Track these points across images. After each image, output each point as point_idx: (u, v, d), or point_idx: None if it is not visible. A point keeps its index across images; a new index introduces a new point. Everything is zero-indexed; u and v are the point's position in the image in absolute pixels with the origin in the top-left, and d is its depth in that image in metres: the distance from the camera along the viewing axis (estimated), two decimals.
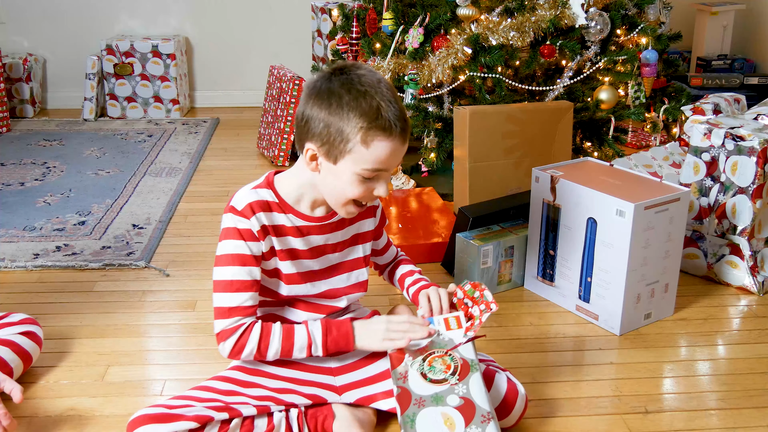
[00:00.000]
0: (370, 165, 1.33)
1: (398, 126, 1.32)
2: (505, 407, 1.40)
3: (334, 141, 1.32)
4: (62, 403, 1.52)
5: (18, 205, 2.59)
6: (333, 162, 1.35)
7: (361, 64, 1.39)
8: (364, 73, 1.35)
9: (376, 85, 1.33)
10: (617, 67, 2.69)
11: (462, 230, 2.01)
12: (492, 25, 2.50)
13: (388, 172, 1.37)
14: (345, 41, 2.93)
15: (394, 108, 1.32)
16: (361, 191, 1.36)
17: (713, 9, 3.70)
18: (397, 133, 1.32)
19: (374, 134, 1.31)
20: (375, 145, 1.31)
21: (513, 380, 1.44)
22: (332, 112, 1.32)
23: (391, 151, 1.33)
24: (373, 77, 1.34)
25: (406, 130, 1.34)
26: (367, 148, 1.31)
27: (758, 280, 1.98)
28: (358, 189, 1.36)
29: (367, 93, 1.31)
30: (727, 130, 1.95)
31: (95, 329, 1.81)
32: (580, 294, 1.86)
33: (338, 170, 1.35)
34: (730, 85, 3.50)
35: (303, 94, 1.38)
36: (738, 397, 1.56)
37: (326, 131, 1.33)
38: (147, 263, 2.15)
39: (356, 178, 1.34)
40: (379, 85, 1.33)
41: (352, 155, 1.32)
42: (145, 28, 3.84)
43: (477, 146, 2.38)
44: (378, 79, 1.34)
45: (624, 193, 1.74)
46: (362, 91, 1.31)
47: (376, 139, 1.31)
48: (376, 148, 1.32)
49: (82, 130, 3.44)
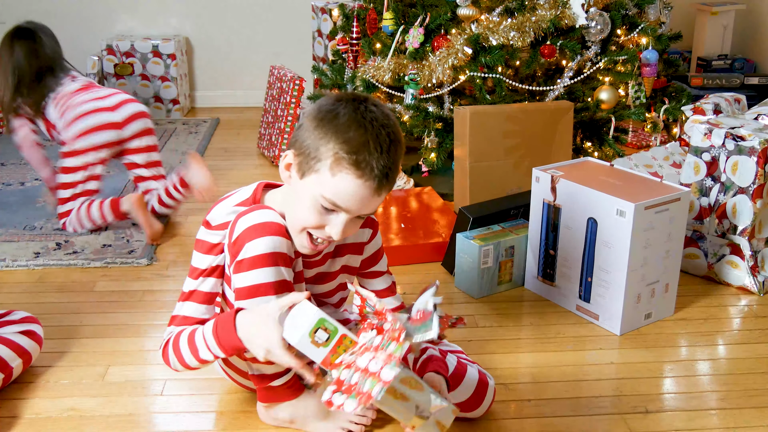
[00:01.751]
0: (329, 194, 1.24)
1: (374, 173, 1.22)
2: (476, 399, 1.42)
3: (308, 155, 1.25)
4: (62, 403, 1.52)
5: (18, 204, 2.59)
6: (300, 176, 1.27)
7: (379, 103, 1.29)
8: (375, 111, 1.25)
9: (379, 127, 1.23)
10: (617, 67, 2.69)
11: (462, 230, 2.01)
12: (492, 25, 2.50)
13: (347, 214, 1.26)
14: (345, 41, 2.93)
15: (381, 155, 1.22)
16: (314, 220, 1.27)
17: (713, 9, 3.70)
18: (368, 178, 1.22)
19: (345, 166, 1.22)
20: (341, 177, 1.22)
21: (483, 372, 1.46)
22: (320, 127, 1.24)
23: (356, 192, 1.23)
24: (383, 119, 1.25)
25: (382, 183, 1.24)
26: (332, 177, 1.23)
27: (758, 280, 1.98)
28: (312, 217, 1.27)
29: (362, 126, 1.22)
30: (728, 130, 1.95)
31: (95, 329, 1.81)
32: (580, 294, 1.86)
33: (302, 187, 1.27)
34: (730, 85, 3.49)
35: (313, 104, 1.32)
36: (738, 397, 1.56)
37: (307, 143, 1.26)
38: (149, 261, 2.15)
39: (313, 202, 1.26)
40: (381, 129, 1.23)
41: (318, 176, 1.24)
42: (146, 28, 3.84)
43: (477, 146, 2.38)
44: (385, 123, 1.24)
45: (624, 193, 1.74)
46: (359, 123, 1.22)
47: (343, 171, 1.22)
48: (341, 181, 1.23)
49: None
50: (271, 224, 1.28)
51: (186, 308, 1.39)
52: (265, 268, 1.27)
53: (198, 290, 1.38)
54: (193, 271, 1.38)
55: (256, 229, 1.27)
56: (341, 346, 1.20)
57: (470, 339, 1.75)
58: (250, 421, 1.46)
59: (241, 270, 1.27)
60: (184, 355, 1.36)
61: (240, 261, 1.27)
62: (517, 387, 1.58)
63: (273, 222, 1.28)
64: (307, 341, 1.18)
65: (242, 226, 1.28)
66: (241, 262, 1.27)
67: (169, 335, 1.39)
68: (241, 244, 1.27)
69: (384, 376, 1.11)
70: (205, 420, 1.48)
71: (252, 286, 1.27)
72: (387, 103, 2.72)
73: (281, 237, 1.28)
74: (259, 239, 1.26)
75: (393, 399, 1.19)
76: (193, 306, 1.38)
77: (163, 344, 1.40)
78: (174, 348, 1.37)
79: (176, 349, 1.36)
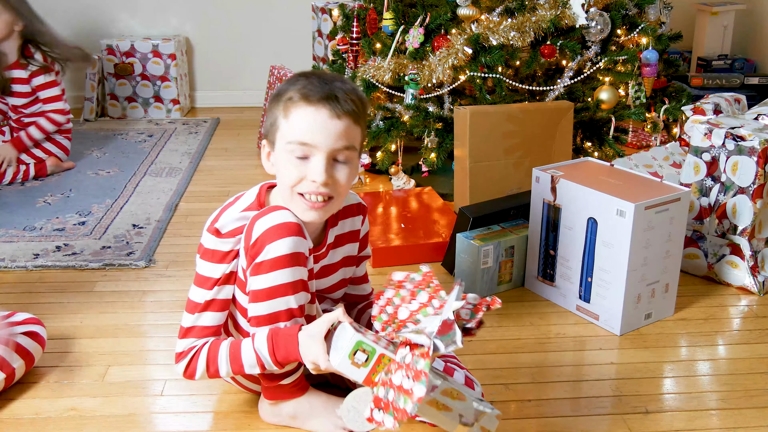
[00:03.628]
0: (293, 136, 1.27)
1: (323, 98, 1.25)
2: None
3: (271, 127, 1.31)
4: (62, 403, 1.52)
5: (18, 205, 2.59)
6: (273, 149, 1.32)
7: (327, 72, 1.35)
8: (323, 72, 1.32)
9: (320, 73, 1.29)
10: (618, 67, 2.69)
11: (462, 230, 2.01)
12: (492, 25, 2.50)
13: (320, 152, 1.27)
14: (345, 41, 2.93)
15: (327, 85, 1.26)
16: (295, 173, 1.29)
17: (713, 9, 3.70)
18: (319, 103, 1.25)
19: (294, 103, 1.26)
20: (295, 115, 1.27)
21: (471, 378, 1.45)
22: (272, 101, 1.31)
23: (313, 121, 1.26)
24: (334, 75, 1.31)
25: (335, 106, 1.26)
26: (288, 120, 1.27)
27: (759, 280, 1.98)
28: (292, 171, 1.29)
29: (305, 76, 1.28)
30: (728, 130, 1.95)
31: (95, 329, 1.81)
32: (580, 294, 1.86)
33: (277, 156, 1.31)
34: (730, 85, 3.49)
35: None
36: (738, 397, 1.56)
37: (268, 122, 1.32)
38: (147, 263, 2.15)
39: (287, 157, 1.29)
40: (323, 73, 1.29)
41: (280, 132, 1.29)
42: (146, 28, 3.84)
43: (477, 146, 2.38)
44: (340, 77, 1.31)
45: (624, 193, 1.74)
46: (303, 76, 1.29)
47: (295, 109, 1.26)
48: (295, 118, 1.27)
49: (82, 130, 3.43)
50: (290, 224, 1.29)
51: (204, 319, 1.37)
52: (285, 269, 1.27)
53: (216, 299, 1.37)
54: (204, 281, 1.36)
55: (276, 231, 1.27)
56: (380, 365, 1.23)
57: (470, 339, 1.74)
58: (250, 421, 1.46)
59: (260, 272, 1.28)
60: (220, 367, 1.36)
61: (260, 263, 1.27)
62: (517, 387, 1.58)
63: (291, 222, 1.29)
64: (347, 363, 1.22)
65: (261, 228, 1.28)
66: (260, 264, 1.27)
67: (190, 348, 1.38)
68: (262, 246, 1.27)
69: (416, 393, 1.14)
70: (204, 420, 1.48)
71: (271, 288, 1.28)
72: (387, 103, 2.72)
73: (300, 237, 1.29)
74: (281, 240, 1.27)
75: (435, 410, 1.23)
76: (210, 315, 1.38)
77: (189, 358, 1.37)
78: (209, 360, 1.36)
79: (211, 360, 1.36)
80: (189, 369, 1.38)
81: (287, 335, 1.29)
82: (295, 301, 1.30)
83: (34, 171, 2.83)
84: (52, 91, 2.86)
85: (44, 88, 2.84)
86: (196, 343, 1.38)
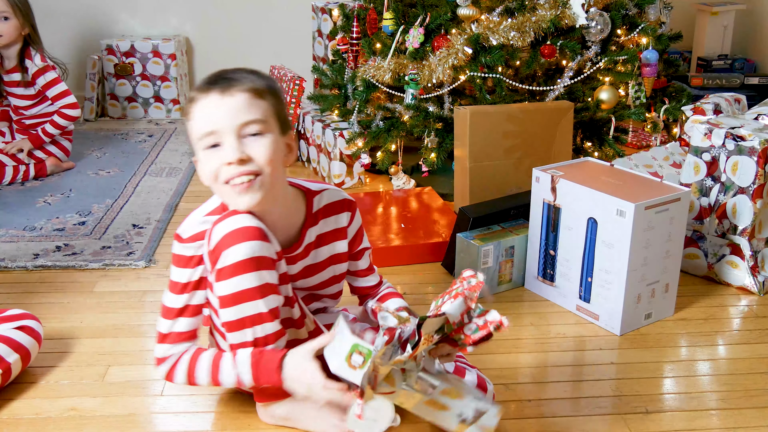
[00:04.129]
0: (197, 130, 1.27)
1: (209, 84, 1.26)
2: None
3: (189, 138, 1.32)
4: (62, 403, 1.52)
5: (18, 205, 2.59)
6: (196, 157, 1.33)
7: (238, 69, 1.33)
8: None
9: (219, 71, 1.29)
10: (618, 67, 2.69)
11: (462, 230, 2.01)
12: (492, 25, 2.50)
13: (223, 132, 1.26)
14: (345, 41, 2.93)
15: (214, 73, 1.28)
16: (213, 164, 1.27)
17: (714, 9, 3.70)
18: (207, 90, 1.26)
19: (191, 102, 1.27)
20: (193, 111, 1.27)
21: (482, 377, 1.46)
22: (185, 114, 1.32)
23: (206, 107, 1.26)
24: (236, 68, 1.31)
25: (221, 85, 1.26)
26: (191, 119, 1.28)
27: (759, 280, 1.98)
28: (209, 164, 1.28)
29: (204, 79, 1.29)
30: (728, 130, 1.95)
31: (95, 329, 1.81)
32: (580, 294, 1.86)
33: (198, 160, 1.32)
34: (730, 85, 3.49)
35: None
36: (738, 397, 1.56)
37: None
38: (147, 263, 2.15)
39: (202, 155, 1.29)
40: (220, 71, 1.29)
41: (191, 134, 1.30)
42: (146, 28, 3.84)
43: (477, 146, 2.38)
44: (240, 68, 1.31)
45: (624, 193, 1.74)
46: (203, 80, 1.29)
47: (192, 106, 1.27)
48: (194, 113, 1.27)
49: (82, 130, 3.43)
50: (247, 229, 1.27)
51: (179, 325, 1.38)
52: (246, 274, 1.26)
53: (189, 305, 1.38)
54: (173, 286, 1.37)
55: (233, 236, 1.26)
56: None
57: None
58: (250, 421, 1.46)
59: (222, 278, 1.27)
60: (198, 376, 1.37)
61: (220, 269, 1.27)
62: (517, 387, 1.58)
63: (250, 226, 1.27)
64: (345, 366, 1.22)
65: (219, 233, 1.27)
66: (221, 271, 1.27)
67: (169, 355, 1.39)
68: (219, 252, 1.26)
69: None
70: (204, 420, 1.48)
71: (236, 293, 1.27)
72: (387, 103, 2.72)
73: (260, 240, 1.27)
74: (237, 246, 1.26)
75: (434, 410, 1.24)
76: (185, 321, 1.38)
77: (170, 366, 1.39)
78: (189, 369, 1.37)
79: (191, 369, 1.37)
80: (169, 375, 1.40)
81: (269, 359, 1.30)
82: (264, 305, 1.29)
83: (34, 171, 2.84)
84: (59, 87, 2.87)
85: (50, 86, 2.86)
86: (174, 350, 1.39)
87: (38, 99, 2.88)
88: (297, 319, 1.41)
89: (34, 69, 2.83)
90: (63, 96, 2.87)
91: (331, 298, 1.57)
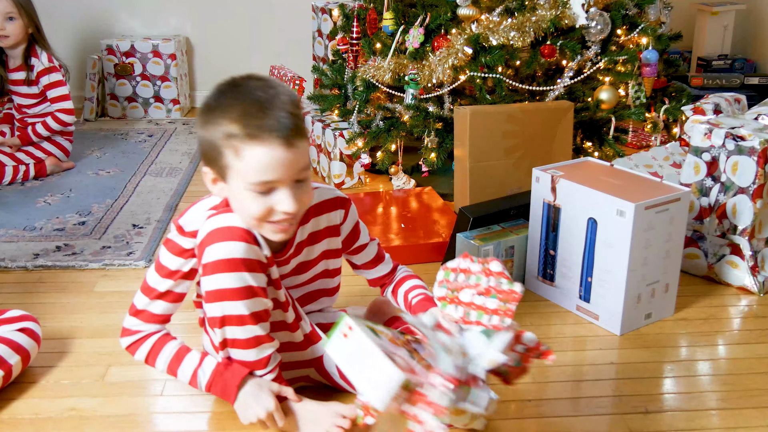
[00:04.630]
0: (251, 177, 1.21)
1: (272, 133, 1.18)
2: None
3: (213, 158, 1.24)
4: (62, 403, 1.52)
5: (18, 205, 2.59)
6: (226, 182, 1.26)
7: (263, 76, 1.25)
8: (258, 84, 1.22)
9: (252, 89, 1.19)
10: (618, 67, 2.69)
11: (462, 230, 2.01)
12: (492, 25, 2.50)
13: (283, 184, 1.23)
14: (345, 41, 2.93)
15: (267, 113, 1.18)
16: (261, 208, 1.24)
17: (714, 9, 3.70)
18: (269, 140, 1.18)
19: (240, 141, 1.18)
20: (247, 155, 1.19)
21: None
22: (204, 124, 1.23)
23: (270, 159, 1.19)
24: (254, 80, 1.22)
25: (288, 135, 1.19)
26: (241, 160, 1.20)
27: (758, 280, 1.98)
28: (257, 206, 1.24)
29: (235, 98, 1.20)
30: (728, 130, 1.95)
31: (95, 329, 1.81)
32: (580, 294, 1.86)
33: (232, 189, 1.25)
34: (730, 85, 3.49)
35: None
36: (738, 397, 1.56)
37: (204, 149, 1.25)
38: (147, 263, 2.15)
39: (248, 195, 1.23)
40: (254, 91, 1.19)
41: (232, 171, 1.22)
42: (146, 28, 3.84)
43: (477, 146, 2.38)
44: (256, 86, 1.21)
45: (624, 193, 1.74)
46: (232, 96, 1.20)
47: (245, 149, 1.19)
48: (249, 159, 1.20)
49: (82, 130, 3.43)
50: (234, 229, 1.27)
51: (155, 306, 1.40)
52: (225, 273, 1.26)
53: (172, 291, 1.39)
54: (160, 268, 1.38)
55: (217, 234, 1.26)
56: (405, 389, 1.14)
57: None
58: None
59: (205, 273, 1.28)
60: (157, 361, 1.40)
61: (204, 265, 1.27)
62: (517, 387, 1.58)
63: (237, 227, 1.27)
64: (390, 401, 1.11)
65: (206, 229, 1.28)
66: (205, 266, 1.27)
67: (137, 330, 1.41)
68: (203, 248, 1.27)
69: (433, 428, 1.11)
70: (205, 420, 1.48)
71: (216, 291, 1.27)
72: (387, 103, 2.72)
73: (244, 242, 1.26)
74: (219, 244, 1.26)
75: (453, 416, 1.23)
76: (162, 305, 1.40)
77: (135, 340, 1.41)
78: (151, 350, 1.40)
79: (153, 352, 1.40)
80: (131, 348, 1.42)
81: (229, 379, 1.33)
82: (245, 307, 1.28)
83: (33, 171, 2.84)
84: (60, 90, 2.88)
85: (52, 87, 2.87)
86: (143, 327, 1.41)
87: (41, 98, 2.89)
88: (291, 322, 1.42)
89: (41, 68, 2.84)
90: (61, 100, 2.88)
91: (326, 295, 1.57)
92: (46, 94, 2.87)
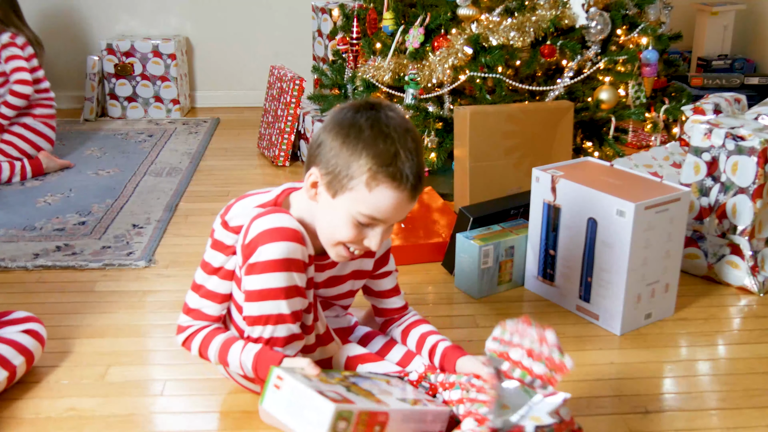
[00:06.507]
0: (368, 210, 1.27)
1: (410, 181, 1.26)
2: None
3: (338, 174, 1.27)
4: (62, 403, 1.52)
5: (18, 205, 2.59)
6: (332, 195, 1.29)
7: (394, 106, 1.32)
8: (394, 116, 1.28)
9: (403, 133, 1.26)
10: (618, 67, 2.69)
11: (462, 230, 2.01)
12: (492, 25, 2.50)
13: (385, 224, 1.30)
14: (345, 41, 2.93)
15: (412, 162, 1.25)
16: (352, 235, 1.30)
17: (714, 9, 3.70)
18: (406, 187, 1.26)
19: (381, 180, 1.25)
20: (379, 191, 1.25)
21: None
22: (346, 144, 1.26)
23: (395, 203, 1.27)
24: (403, 124, 1.28)
25: (417, 188, 1.28)
26: (369, 192, 1.26)
27: (758, 280, 1.98)
28: (350, 232, 1.29)
29: (389, 137, 1.25)
30: (728, 130, 1.95)
31: (95, 329, 1.81)
32: (580, 294, 1.86)
33: (335, 205, 1.29)
34: (730, 85, 3.49)
35: (327, 118, 1.33)
36: (738, 397, 1.56)
37: (334, 161, 1.27)
38: (147, 263, 2.15)
39: (350, 219, 1.28)
40: (405, 134, 1.26)
41: (353, 194, 1.27)
42: (146, 28, 3.84)
43: (477, 146, 2.38)
44: (407, 128, 1.28)
45: (624, 193, 1.74)
46: (385, 133, 1.25)
47: (381, 185, 1.25)
48: (378, 195, 1.26)
49: (82, 130, 3.44)
50: (286, 229, 1.29)
51: (206, 307, 1.42)
52: (277, 272, 1.28)
53: (216, 292, 1.41)
54: (205, 265, 1.41)
55: (271, 234, 1.28)
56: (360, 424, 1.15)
57: (470, 339, 1.75)
58: (251, 421, 1.46)
59: (253, 273, 1.29)
60: (209, 352, 1.41)
61: (252, 264, 1.29)
62: None
63: (288, 227, 1.29)
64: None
65: (257, 229, 1.29)
66: (253, 265, 1.28)
67: (189, 325, 1.43)
68: (255, 247, 1.28)
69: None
70: (205, 420, 1.48)
71: (263, 290, 1.29)
72: None
73: (296, 243, 1.29)
74: (274, 244, 1.27)
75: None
76: (212, 306, 1.42)
77: (188, 334, 1.43)
78: (203, 343, 1.42)
79: (204, 344, 1.41)
80: (185, 343, 1.44)
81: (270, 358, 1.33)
82: (287, 306, 1.31)
83: (30, 168, 2.82)
84: (14, 62, 2.82)
85: (8, 62, 2.82)
86: (194, 324, 1.43)
87: (4, 79, 2.86)
88: (309, 324, 1.43)
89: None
90: (15, 71, 2.82)
91: (342, 308, 1.58)
92: (4, 69, 2.83)
